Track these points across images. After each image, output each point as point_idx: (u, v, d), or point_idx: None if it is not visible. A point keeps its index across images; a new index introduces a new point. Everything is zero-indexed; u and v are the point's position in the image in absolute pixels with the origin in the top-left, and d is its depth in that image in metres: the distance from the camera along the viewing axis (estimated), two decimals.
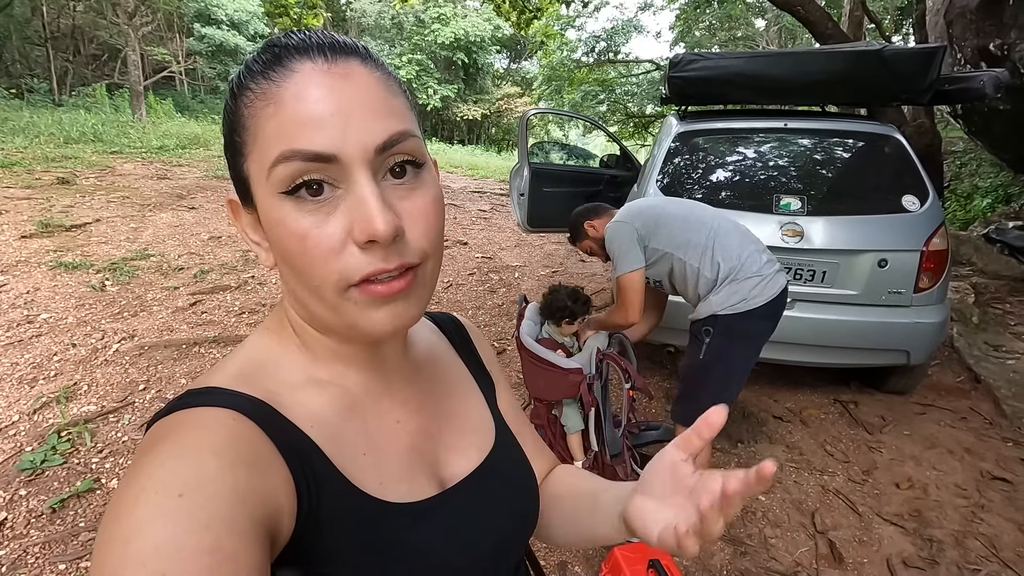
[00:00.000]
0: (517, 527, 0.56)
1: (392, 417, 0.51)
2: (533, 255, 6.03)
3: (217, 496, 0.32)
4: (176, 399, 0.41)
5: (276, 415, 0.42)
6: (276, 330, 0.49)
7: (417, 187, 0.42)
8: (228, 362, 0.46)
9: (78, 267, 4.09)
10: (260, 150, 0.39)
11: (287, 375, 0.46)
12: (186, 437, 0.36)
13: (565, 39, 15.52)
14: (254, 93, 0.39)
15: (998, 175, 6.73)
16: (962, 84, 2.72)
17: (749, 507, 2.15)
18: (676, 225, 1.94)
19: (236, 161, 0.42)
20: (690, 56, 2.86)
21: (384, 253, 0.39)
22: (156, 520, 0.30)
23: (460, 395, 0.60)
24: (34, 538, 1.79)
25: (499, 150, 24.49)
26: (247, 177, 0.41)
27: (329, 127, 0.37)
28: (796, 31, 14.70)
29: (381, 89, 0.41)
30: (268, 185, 0.39)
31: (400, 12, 23.54)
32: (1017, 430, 2.67)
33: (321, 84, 0.38)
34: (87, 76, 17.87)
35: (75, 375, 2.77)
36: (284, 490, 0.38)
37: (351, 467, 0.44)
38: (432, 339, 0.62)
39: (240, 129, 0.40)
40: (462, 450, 0.55)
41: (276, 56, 0.39)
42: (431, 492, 0.49)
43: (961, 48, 4.60)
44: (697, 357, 1.86)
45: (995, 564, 1.88)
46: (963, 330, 3.60)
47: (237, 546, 0.31)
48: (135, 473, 0.33)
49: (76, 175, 7.03)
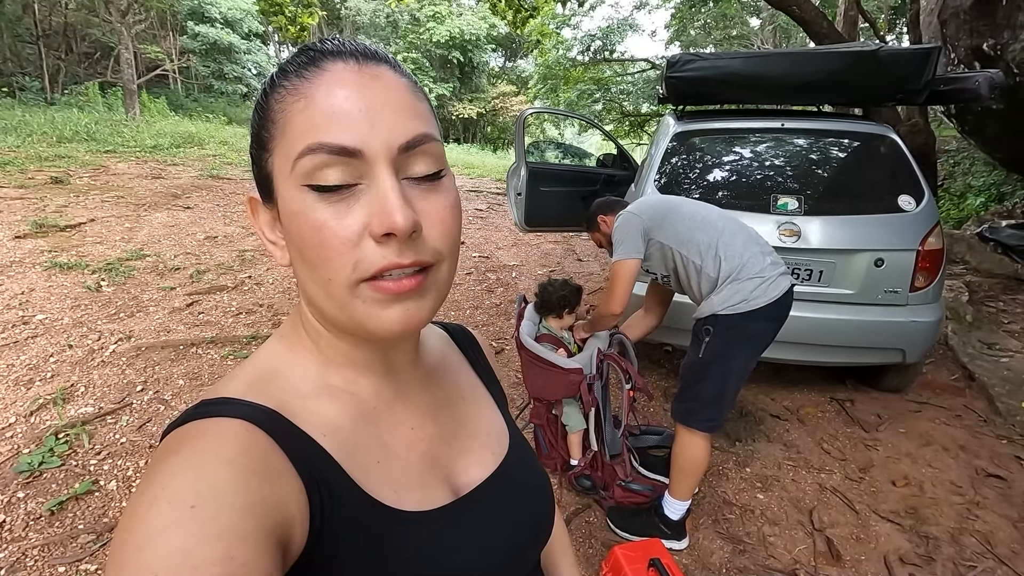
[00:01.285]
0: (533, 533, 0.56)
1: (406, 424, 0.51)
2: (530, 254, 6.04)
3: (229, 507, 0.33)
4: (189, 409, 0.41)
5: (288, 425, 0.42)
6: (290, 336, 0.49)
7: (436, 190, 0.43)
8: (241, 371, 0.46)
9: (73, 268, 4.07)
10: (287, 143, 0.40)
11: (300, 383, 0.46)
12: (199, 448, 0.36)
13: (560, 38, 15.50)
14: (286, 90, 0.40)
15: (991, 174, 6.78)
16: (957, 84, 2.74)
17: (748, 505, 2.17)
18: (683, 222, 1.96)
19: (261, 157, 0.43)
20: (687, 56, 2.87)
21: (399, 248, 0.39)
22: (168, 529, 0.31)
23: (473, 402, 0.60)
24: (33, 540, 1.78)
25: (495, 149, 24.48)
26: (271, 172, 0.42)
27: (356, 123, 0.38)
28: (791, 30, 14.74)
29: (407, 93, 0.42)
30: (292, 177, 0.40)
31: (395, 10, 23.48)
32: (1011, 427, 2.70)
33: (351, 83, 0.40)
34: (79, 74, 17.74)
35: (72, 376, 2.76)
36: (296, 501, 0.38)
37: (364, 476, 0.44)
38: (444, 348, 0.62)
39: (269, 124, 0.41)
40: (477, 456, 0.55)
41: (311, 58, 0.41)
42: (446, 500, 0.48)
43: (955, 48, 4.63)
44: (697, 356, 1.87)
45: (990, 561, 1.90)
46: (957, 328, 3.63)
47: (248, 556, 0.32)
48: (149, 482, 0.34)
49: (70, 174, 6.98)
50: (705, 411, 1.83)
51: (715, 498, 2.21)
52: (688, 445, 1.86)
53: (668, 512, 1.92)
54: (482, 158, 18.50)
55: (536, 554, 0.59)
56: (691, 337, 1.94)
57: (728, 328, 1.81)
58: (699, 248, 1.90)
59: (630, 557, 1.43)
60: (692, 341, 1.92)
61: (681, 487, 1.90)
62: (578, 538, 2.00)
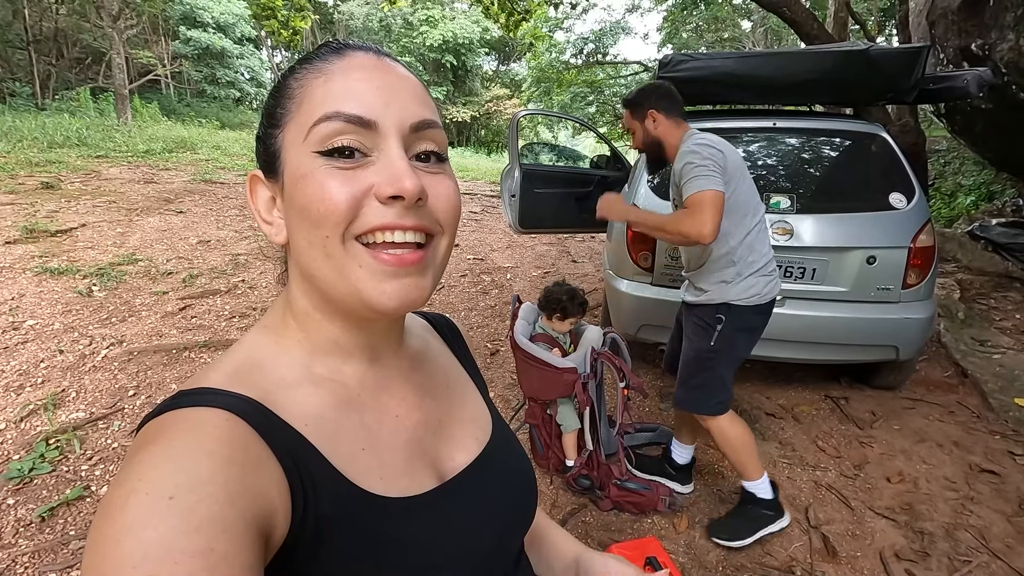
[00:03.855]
0: (517, 516, 0.57)
1: (391, 412, 0.51)
2: (525, 256, 6.04)
3: (208, 497, 0.32)
4: (167, 400, 0.40)
5: (269, 415, 0.41)
6: (275, 327, 0.49)
7: (440, 172, 0.46)
8: (221, 362, 0.46)
9: (64, 272, 4.03)
10: (303, 114, 0.42)
11: (283, 373, 0.46)
12: (177, 438, 0.36)
13: (553, 41, 15.58)
14: (307, 70, 0.43)
15: (981, 173, 6.84)
16: (946, 83, 2.76)
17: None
18: (744, 194, 1.82)
19: (270, 135, 0.45)
20: (680, 56, 2.88)
21: (403, 211, 0.41)
22: (147, 522, 0.30)
23: (457, 389, 0.60)
24: (23, 547, 1.76)
25: (489, 152, 24.51)
26: (279, 148, 0.44)
27: (372, 98, 0.42)
28: (782, 32, 14.86)
29: (419, 86, 0.46)
30: (304, 145, 0.42)
31: (388, 14, 23.51)
32: (1004, 423, 2.72)
33: (371, 66, 0.43)
34: (71, 80, 17.65)
35: (63, 382, 2.73)
36: (278, 490, 0.37)
37: (349, 464, 0.44)
38: (427, 337, 0.63)
39: (285, 100, 0.44)
40: (461, 442, 0.55)
41: (333, 48, 0.45)
42: (431, 485, 0.49)
43: (943, 48, 4.67)
44: (708, 343, 1.84)
45: (985, 555, 1.91)
46: (949, 325, 3.65)
47: (229, 548, 0.31)
48: (126, 474, 0.33)
49: (61, 179, 6.93)
50: (716, 395, 1.86)
51: (711, 496, 2.21)
52: (721, 431, 1.87)
53: (759, 493, 1.92)
54: (476, 161, 18.51)
55: (521, 537, 0.60)
56: (690, 324, 1.91)
57: (739, 318, 1.82)
58: (741, 228, 1.80)
59: (627, 556, 1.42)
60: (695, 328, 1.89)
61: (748, 468, 1.91)
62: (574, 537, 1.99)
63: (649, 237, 2.66)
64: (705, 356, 1.87)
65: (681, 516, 2.07)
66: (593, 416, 2.12)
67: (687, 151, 1.73)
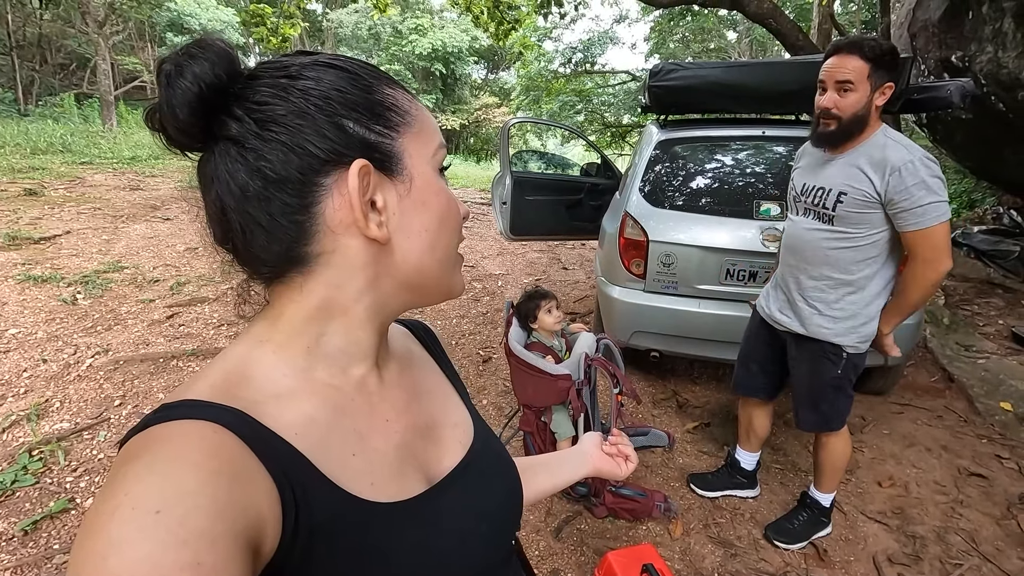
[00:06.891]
0: (504, 515, 0.59)
1: (382, 417, 0.51)
2: (516, 263, 6.04)
3: (196, 510, 0.32)
4: (151, 414, 0.39)
5: (257, 426, 0.41)
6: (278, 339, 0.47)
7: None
8: (206, 374, 0.44)
9: (48, 280, 3.96)
10: (425, 133, 0.49)
11: (276, 381, 0.44)
12: (163, 451, 0.35)
13: (542, 50, 15.67)
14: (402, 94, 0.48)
15: (962, 182, 6.98)
16: (930, 93, 2.81)
17: (738, 509, 2.18)
18: None
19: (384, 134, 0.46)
20: (670, 65, 2.91)
21: None
22: (133, 537, 0.30)
23: (440, 394, 0.62)
24: (5, 562, 1.71)
25: (478, 160, 24.52)
26: (400, 152, 0.46)
27: None
28: (767, 43, 15.11)
29: None
30: (432, 161, 0.49)
31: (377, 23, 23.52)
32: (990, 427, 2.76)
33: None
34: (54, 86, 17.44)
35: (46, 392, 2.67)
36: (267, 502, 0.37)
37: (340, 471, 0.44)
38: (406, 342, 0.64)
39: (397, 111, 0.47)
40: (447, 445, 0.56)
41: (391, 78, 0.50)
42: (420, 489, 0.49)
43: (925, 60, 4.77)
44: (835, 371, 1.81)
45: (976, 558, 1.93)
46: (935, 331, 3.70)
47: (217, 562, 0.31)
48: (111, 489, 0.32)
49: (44, 186, 6.83)
50: (846, 411, 1.90)
51: (705, 502, 2.21)
52: (842, 444, 1.94)
53: (825, 503, 2.02)
54: (466, 169, 18.52)
55: (510, 537, 0.61)
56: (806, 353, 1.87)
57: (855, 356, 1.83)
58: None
59: (623, 563, 1.43)
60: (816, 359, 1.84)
61: (834, 480, 2.00)
62: (570, 546, 1.98)
63: (641, 244, 2.68)
64: (834, 383, 1.83)
65: (676, 522, 2.07)
66: (587, 422, 2.12)
67: (919, 163, 1.51)
